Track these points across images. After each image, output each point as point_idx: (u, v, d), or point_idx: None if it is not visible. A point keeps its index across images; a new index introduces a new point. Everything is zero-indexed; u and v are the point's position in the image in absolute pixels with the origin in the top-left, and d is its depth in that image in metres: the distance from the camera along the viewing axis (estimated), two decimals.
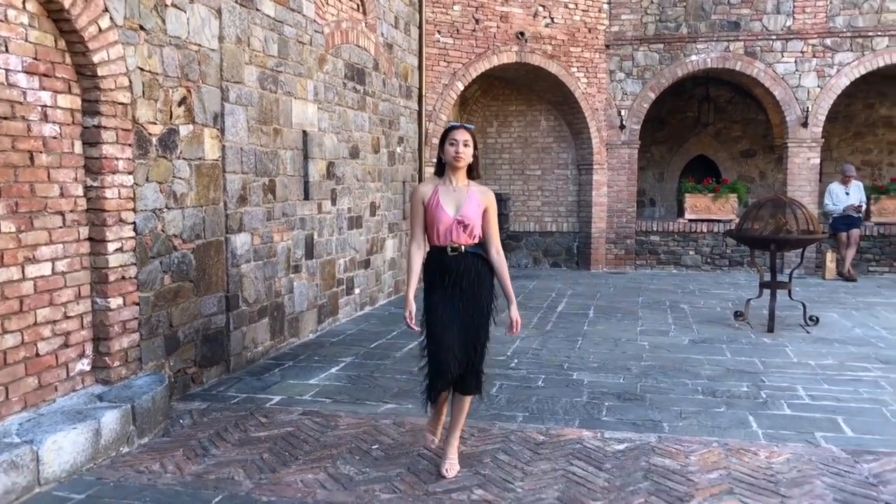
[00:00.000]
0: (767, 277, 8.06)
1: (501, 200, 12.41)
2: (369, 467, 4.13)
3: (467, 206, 3.89)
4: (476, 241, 3.94)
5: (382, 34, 9.25)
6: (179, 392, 5.38)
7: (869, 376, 6.03)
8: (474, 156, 3.95)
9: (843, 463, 4.14)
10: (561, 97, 12.61)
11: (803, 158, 12.22)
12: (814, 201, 12.00)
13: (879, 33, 11.74)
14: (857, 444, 4.47)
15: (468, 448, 4.36)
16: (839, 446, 4.42)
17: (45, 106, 4.22)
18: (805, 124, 12.06)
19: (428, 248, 4.01)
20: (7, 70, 3.96)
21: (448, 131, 3.90)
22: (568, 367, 6.32)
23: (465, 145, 3.87)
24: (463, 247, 3.90)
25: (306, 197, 7.29)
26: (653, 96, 12.55)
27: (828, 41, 11.92)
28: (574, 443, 4.45)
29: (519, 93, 13.26)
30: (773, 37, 12.05)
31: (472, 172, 3.98)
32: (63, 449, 3.91)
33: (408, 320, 3.96)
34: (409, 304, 3.98)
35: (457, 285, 3.90)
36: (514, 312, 4.01)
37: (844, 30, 11.84)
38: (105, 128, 4.52)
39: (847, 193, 11.84)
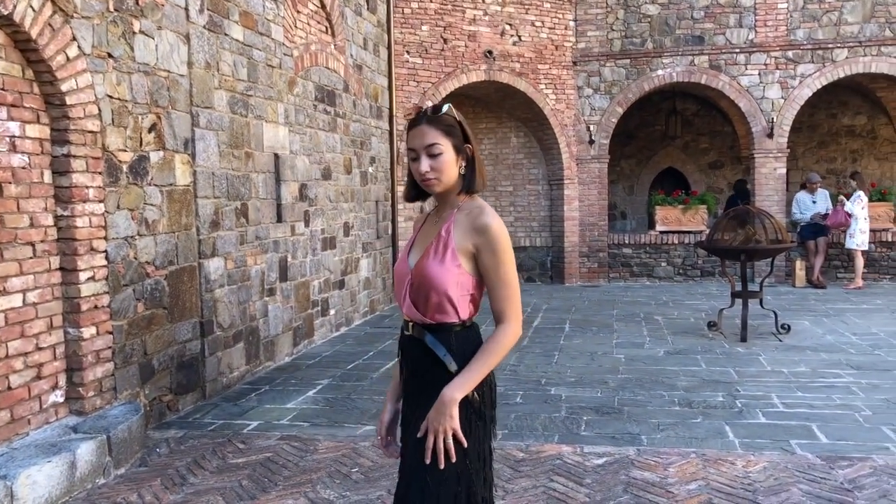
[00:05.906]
0: (739, 287, 8.16)
1: None
2: (349, 490, 4.11)
3: (429, 250, 2.20)
4: (435, 316, 2.20)
5: (352, 56, 9.29)
6: (155, 420, 5.32)
7: (841, 382, 6.12)
8: (468, 159, 2.25)
9: (819, 469, 4.21)
10: (530, 114, 12.72)
11: (770, 168, 12.42)
12: (781, 210, 12.20)
13: (839, 45, 12.00)
14: (831, 451, 4.54)
15: None
16: (814, 453, 4.49)
17: (14, 136, 4.18)
18: (770, 135, 12.27)
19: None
20: None
21: (408, 132, 2.25)
22: (545, 383, 6.34)
23: (433, 154, 2.17)
24: (412, 324, 2.27)
25: (279, 219, 7.28)
26: (620, 111, 12.71)
27: (790, 53, 12.16)
28: (554, 458, 4.47)
29: (489, 110, 13.36)
30: (737, 50, 12.28)
31: (471, 185, 2.27)
32: (38, 483, 3.85)
33: (378, 440, 2.49)
34: (384, 413, 2.46)
35: (408, 389, 2.35)
36: (444, 411, 2.11)
37: (805, 42, 12.10)
38: (75, 156, 4.48)
39: (814, 202, 12.07)
